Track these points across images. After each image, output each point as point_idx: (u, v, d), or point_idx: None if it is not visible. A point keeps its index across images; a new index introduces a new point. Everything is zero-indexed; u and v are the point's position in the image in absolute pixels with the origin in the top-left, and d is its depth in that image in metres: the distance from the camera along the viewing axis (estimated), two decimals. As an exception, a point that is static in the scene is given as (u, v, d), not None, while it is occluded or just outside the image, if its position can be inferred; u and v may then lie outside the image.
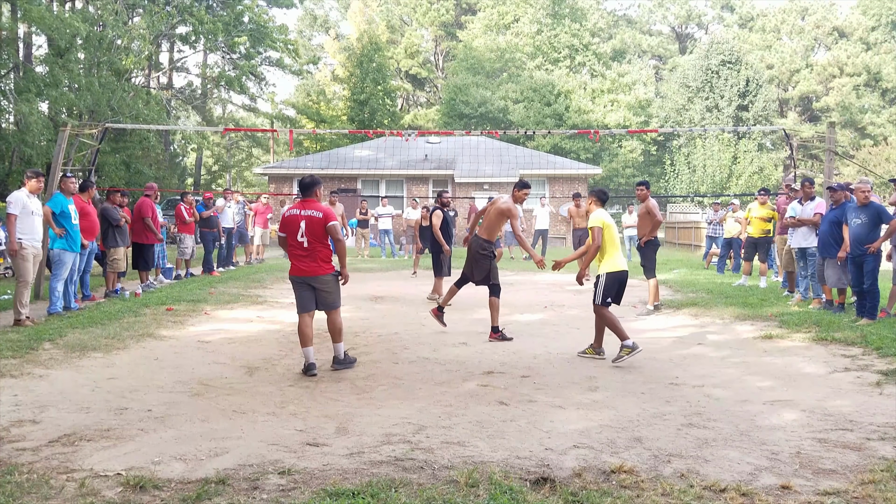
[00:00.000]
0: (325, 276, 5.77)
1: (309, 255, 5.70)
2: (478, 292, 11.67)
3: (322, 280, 5.77)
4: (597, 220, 6.54)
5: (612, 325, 6.35)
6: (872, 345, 6.66)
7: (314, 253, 5.70)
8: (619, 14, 53.45)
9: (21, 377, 5.45)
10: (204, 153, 41.78)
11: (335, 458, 3.80)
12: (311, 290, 5.81)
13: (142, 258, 11.09)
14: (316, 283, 5.77)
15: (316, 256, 5.70)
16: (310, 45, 51.13)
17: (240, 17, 34.63)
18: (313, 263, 5.71)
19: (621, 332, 6.27)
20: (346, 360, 6.00)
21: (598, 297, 6.46)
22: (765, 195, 12.26)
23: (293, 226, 5.71)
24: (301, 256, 5.72)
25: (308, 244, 5.67)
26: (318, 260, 5.72)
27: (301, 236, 5.66)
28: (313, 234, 5.66)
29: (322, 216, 5.68)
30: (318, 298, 5.85)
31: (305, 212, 5.71)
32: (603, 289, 6.42)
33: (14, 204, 7.76)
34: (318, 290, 5.81)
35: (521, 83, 40.52)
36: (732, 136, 31.24)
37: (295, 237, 5.68)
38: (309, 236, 5.65)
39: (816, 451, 3.94)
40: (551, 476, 3.52)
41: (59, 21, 21.67)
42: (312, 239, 5.66)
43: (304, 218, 5.68)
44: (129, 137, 26.35)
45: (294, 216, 5.73)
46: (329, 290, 5.83)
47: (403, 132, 23.03)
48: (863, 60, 41.41)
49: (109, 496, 3.26)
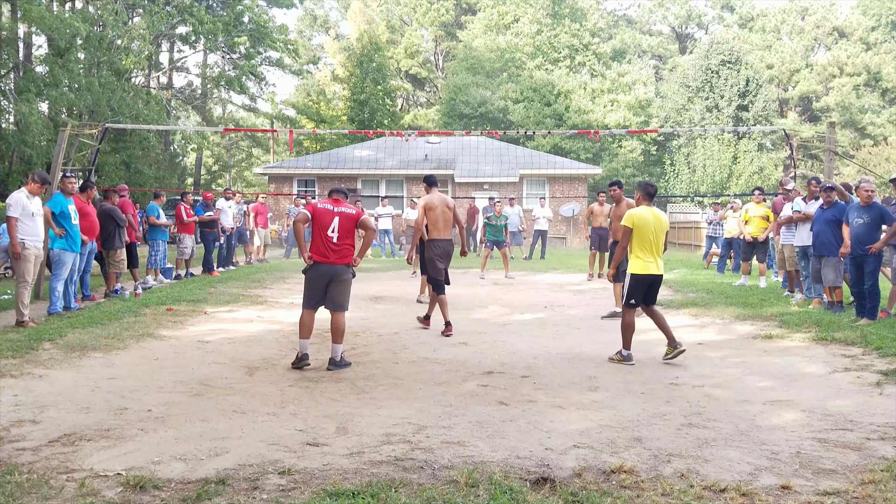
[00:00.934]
0: (343, 268, 5.99)
1: (338, 249, 5.95)
2: (479, 292, 11.68)
3: (341, 272, 5.96)
4: (627, 219, 6.37)
5: (626, 327, 6.34)
6: (872, 345, 6.66)
7: (342, 248, 5.96)
8: (619, 14, 53.43)
9: (21, 377, 5.45)
10: (204, 153, 41.81)
11: (335, 458, 3.80)
12: (324, 286, 5.98)
13: (132, 257, 11.19)
14: (335, 276, 5.96)
15: (342, 252, 5.97)
16: (310, 45, 51.12)
17: (240, 17, 34.65)
18: (339, 257, 5.96)
19: (627, 341, 6.34)
20: (343, 362, 6.05)
21: (623, 297, 6.46)
22: (760, 194, 12.32)
23: (326, 219, 5.96)
24: (331, 250, 5.95)
25: (338, 239, 5.94)
26: (343, 255, 5.98)
27: (332, 231, 5.92)
28: (345, 230, 5.96)
29: (354, 213, 6.06)
30: (330, 294, 6.00)
31: (339, 208, 6.01)
32: (627, 289, 6.40)
33: (14, 206, 7.75)
34: (333, 284, 5.97)
35: (521, 83, 40.50)
36: (732, 136, 31.24)
37: (326, 231, 5.93)
38: (341, 231, 5.94)
39: (816, 451, 3.94)
40: (551, 476, 3.52)
41: (59, 21, 21.68)
42: (343, 234, 5.95)
43: (337, 214, 5.97)
44: (129, 137, 26.37)
45: (328, 210, 6.00)
46: (344, 286, 6.02)
47: (403, 132, 23.04)
48: (863, 60, 41.39)
49: (109, 496, 3.26)
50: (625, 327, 6.35)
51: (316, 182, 26.81)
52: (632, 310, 6.40)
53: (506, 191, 25.32)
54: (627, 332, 6.33)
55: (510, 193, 24.34)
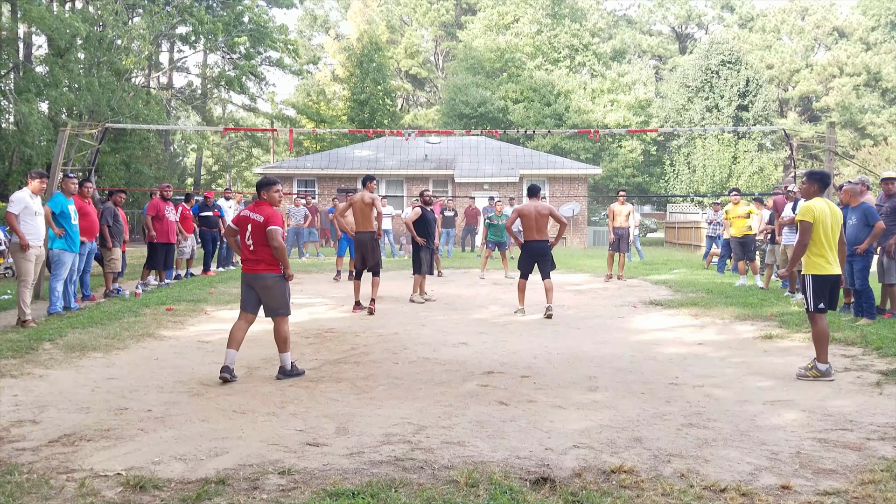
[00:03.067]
0: (267, 276, 5.57)
1: (254, 257, 5.57)
2: (479, 292, 11.67)
3: (264, 280, 5.57)
4: (804, 212, 5.69)
5: (819, 336, 5.66)
6: (872, 345, 6.67)
7: (258, 254, 5.55)
8: (619, 14, 53.47)
9: (21, 377, 5.45)
10: (204, 153, 41.83)
11: (335, 458, 3.80)
12: (254, 292, 5.68)
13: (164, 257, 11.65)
14: (257, 283, 5.60)
15: (260, 259, 5.55)
16: (310, 45, 51.15)
17: (240, 17, 34.67)
18: (257, 265, 5.56)
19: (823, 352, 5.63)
20: (294, 370, 5.67)
21: (809, 302, 5.76)
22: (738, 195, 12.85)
23: (242, 226, 5.62)
24: (247, 259, 5.61)
25: (254, 247, 5.55)
26: (263, 262, 5.55)
27: (248, 239, 5.56)
28: (257, 237, 5.54)
29: (263, 220, 5.54)
30: (263, 303, 5.68)
31: (253, 214, 5.58)
32: (811, 292, 5.73)
33: (16, 203, 7.78)
34: (261, 292, 5.63)
35: (521, 83, 40.51)
36: (732, 136, 31.23)
37: (243, 238, 5.59)
38: (254, 239, 5.54)
39: (816, 451, 3.94)
40: (551, 476, 3.52)
41: (59, 21, 21.69)
42: (257, 242, 5.54)
43: (250, 221, 5.56)
44: (129, 137, 26.38)
45: (244, 217, 5.63)
46: (273, 294, 5.61)
47: (403, 132, 23.03)
48: (863, 60, 41.41)
49: (109, 496, 3.26)
50: (819, 336, 5.63)
51: (316, 182, 26.81)
52: (821, 314, 5.73)
53: (506, 191, 25.31)
54: (823, 341, 5.60)
55: (510, 193, 24.34)
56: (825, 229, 5.65)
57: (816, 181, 5.79)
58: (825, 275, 5.69)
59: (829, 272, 5.69)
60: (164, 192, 11.89)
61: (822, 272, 5.69)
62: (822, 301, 5.68)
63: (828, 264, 5.69)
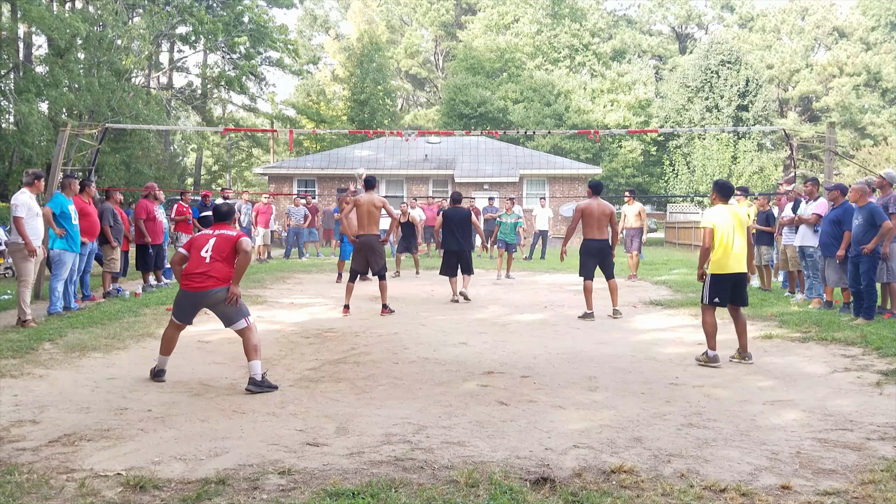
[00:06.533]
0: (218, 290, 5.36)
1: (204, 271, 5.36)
2: (479, 293, 11.67)
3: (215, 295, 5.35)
4: (707, 220, 6.32)
5: (707, 327, 6.27)
6: (872, 345, 6.66)
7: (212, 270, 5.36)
8: (619, 14, 53.43)
9: (21, 377, 5.45)
10: (204, 153, 41.83)
11: (335, 458, 3.80)
12: (199, 308, 5.53)
13: (140, 259, 11.21)
14: (206, 301, 5.40)
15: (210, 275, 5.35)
16: (310, 45, 51.14)
17: (240, 17, 34.68)
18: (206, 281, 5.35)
19: (711, 340, 6.24)
20: (264, 383, 5.22)
21: (704, 296, 6.34)
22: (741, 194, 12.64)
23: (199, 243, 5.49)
24: (194, 274, 5.37)
25: (210, 261, 5.38)
26: (213, 278, 5.35)
27: (206, 252, 5.39)
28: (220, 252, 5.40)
29: (236, 234, 5.53)
30: (219, 317, 5.51)
31: (220, 231, 5.54)
32: (707, 288, 6.30)
33: (20, 206, 7.78)
34: (213, 309, 5.47)
35: (521, 83, 40.51)
36: (732, 136, 31.23)
37: (197, 253, 5.42)
38: (215, 253, 5.39)
39: (816, 451, 3.94)
40: (551, 476, 3.51)
41: (59, 21, 21.68)
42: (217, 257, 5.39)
43: (215, 236, 5.48)
44: (129, 137, 26.37)
45: (205, 235, 5.55)
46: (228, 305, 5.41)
47: (403, 132, 23.04)
48: (863, 60, 41.43)
49: (109, 496, 3.26)
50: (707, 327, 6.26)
51: (316, 182, 26.82)
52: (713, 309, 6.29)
53: (506, 191, 25.31)
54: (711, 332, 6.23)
55: (510, 193, 24.34)
56: (724, 233, 6.18)
57: (716, 191, 6.39)
58: (723, 273, 6.21)
59: (727, 271, 6.21)
60: (152, 192, 11.47)
61: (721, 271, 6.22)
62: (716, 297, 6.25)
63: (727, 264, 6.20)
